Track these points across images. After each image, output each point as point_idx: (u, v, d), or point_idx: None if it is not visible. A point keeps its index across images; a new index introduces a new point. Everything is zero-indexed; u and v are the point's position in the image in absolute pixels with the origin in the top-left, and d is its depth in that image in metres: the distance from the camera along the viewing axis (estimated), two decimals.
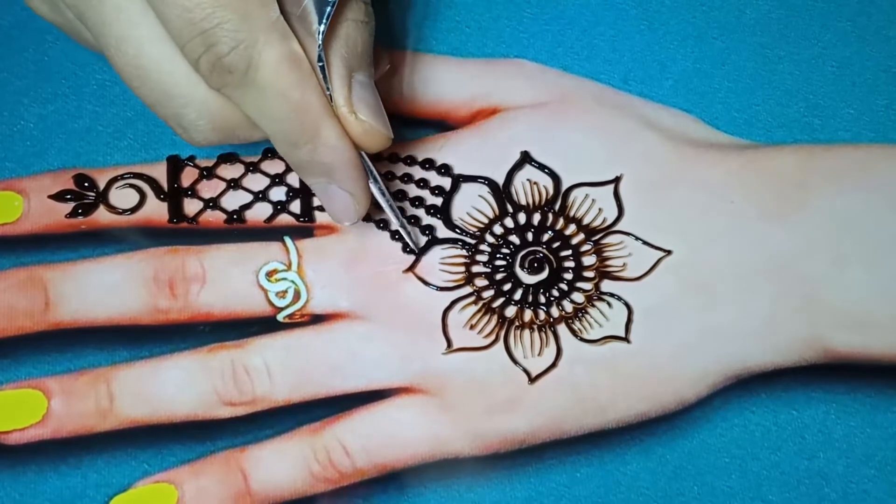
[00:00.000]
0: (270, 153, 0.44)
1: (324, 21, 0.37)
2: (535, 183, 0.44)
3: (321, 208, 0.44)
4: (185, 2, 0.35)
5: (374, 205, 0.41)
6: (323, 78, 0.37)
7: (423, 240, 0.43)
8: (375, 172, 0.40)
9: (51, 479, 0.41)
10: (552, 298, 0.43)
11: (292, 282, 0.43)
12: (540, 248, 0.44)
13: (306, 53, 0.37)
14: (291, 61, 0.36)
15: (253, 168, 0.44)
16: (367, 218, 0.43)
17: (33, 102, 0.46)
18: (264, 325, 0.43)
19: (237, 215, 0.44)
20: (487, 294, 0.43)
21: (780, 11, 0.48)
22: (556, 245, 0.44)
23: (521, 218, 0.44)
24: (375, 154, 0.40)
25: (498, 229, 0.44)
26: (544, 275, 0.43)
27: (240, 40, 0.35)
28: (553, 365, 0.42)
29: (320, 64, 0.37)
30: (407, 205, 0.44)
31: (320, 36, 0.37)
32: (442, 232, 0.44)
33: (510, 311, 0.43)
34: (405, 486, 0.41)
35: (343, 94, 0.38)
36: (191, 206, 0.44)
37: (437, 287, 0.43)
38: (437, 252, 0.44)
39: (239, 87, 0.36)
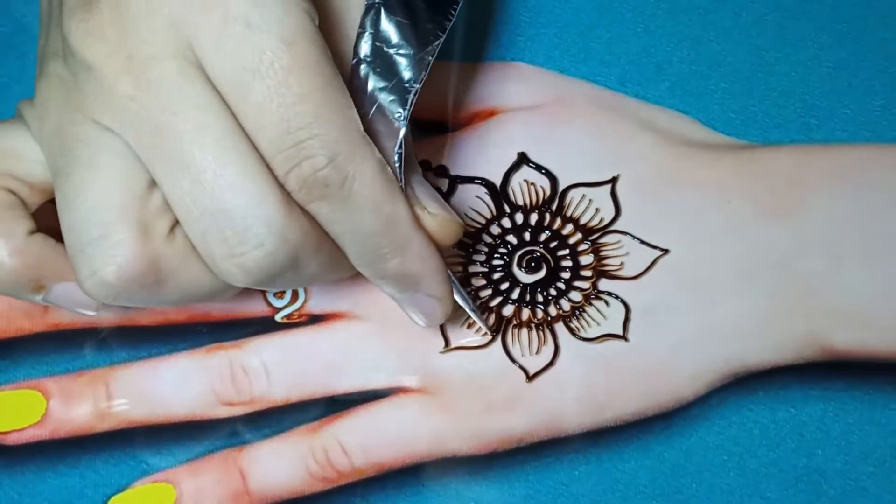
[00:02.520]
0: None
1: (404, 121, 0.36)
2: (532, 184, 0.44)
3: None
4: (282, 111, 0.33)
5: None
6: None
7: (492, 319, 0.43)
8: (449, 271, 0.39)
9: (49, 479, 0.41)
10: (550, 297, 0.43)
11: None
12: (537, 248, 0.44)
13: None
14: (383, 173, 0.35)
15: None
16: None
17: None
18: (262, 325, 0.43)
19: None
20: (485, 293, 0.43)
21: (776, 14, 0.48)
22: (553, 244, 0.44)
23: (519, 218, 0.44)
24: None
25: (495, 229, 0.44)
26: (542, 274, 0.43)
27: (336, 153, 0.34)
28: (551, 363, 0.42)
29: (398, 164, 0.36)
30: None
31: (399, 141, 0.36)
32: None
33: (508, 310, 0.43)
34: (403, 485, 0.41)
35: (411, 195, 0.37)
36: None
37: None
38: None
39: (332, 201, 0.34)
